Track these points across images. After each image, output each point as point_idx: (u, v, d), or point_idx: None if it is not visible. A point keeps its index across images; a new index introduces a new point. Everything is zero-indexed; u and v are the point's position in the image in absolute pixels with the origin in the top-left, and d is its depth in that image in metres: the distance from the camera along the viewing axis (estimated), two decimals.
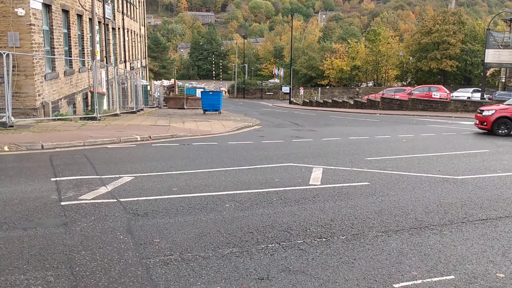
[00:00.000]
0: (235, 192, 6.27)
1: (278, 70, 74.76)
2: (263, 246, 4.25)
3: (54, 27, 15.61)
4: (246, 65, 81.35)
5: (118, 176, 7.05)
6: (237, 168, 8.09)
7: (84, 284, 3.41)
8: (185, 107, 30.87)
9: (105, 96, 19.44)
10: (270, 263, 3.86)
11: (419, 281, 3.54)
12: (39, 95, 13.72)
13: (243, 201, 5.79)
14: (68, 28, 17.57)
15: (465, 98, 33.24)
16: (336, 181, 7.09)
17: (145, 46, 47.73)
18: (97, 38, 21.77)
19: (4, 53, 11.78)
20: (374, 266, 3.81)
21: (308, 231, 4.68)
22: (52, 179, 6.76)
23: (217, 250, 4.13)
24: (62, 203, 5.49)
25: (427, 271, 3.73)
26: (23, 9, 13.11)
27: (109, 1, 24.28)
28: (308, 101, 45.92)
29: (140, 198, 5.81)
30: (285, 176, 7.45)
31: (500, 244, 4.41)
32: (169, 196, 5.95)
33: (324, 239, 4.46)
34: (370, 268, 3.78)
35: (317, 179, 7.20)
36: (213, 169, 7.85)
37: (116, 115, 17.99)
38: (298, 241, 4.38)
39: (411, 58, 61.91)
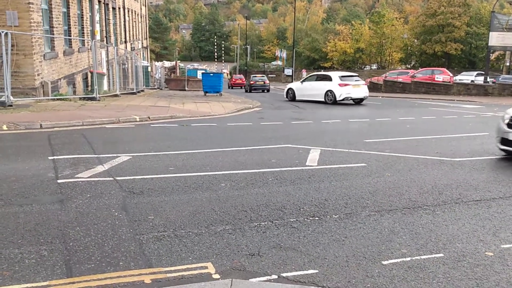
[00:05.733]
0: (231, 172, 6.30)
1: (281, 52, 74.14)
2: (256, 224, 4.29)
3: (53, 6, 15.47)
4: (248, 46, 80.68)
5: (115, 155, 7.09)
6: (235, 149, 8.10)
7: (77, 258, 3.46)
8: (186, 88, 30.78)
9: (105, 76, 19.39)
10: (262, 240, 3.90)
11: (408, 259, 3.58)
12: (38, 75, 13.68)
13: (238, 181, 5.82)
14: (68, 7, 17.42)
15: (469, 81, 33.01)
16: (333, 162, 7.10)
17: (146, 26, 47.33)
18: (97, 18, 21.60)
19: (2, 32, 11.71)
20: (365, 244, 3.85)
21: (301, 210, 4.72)
22: (50, 158, 6.80)
23: (210, 227, 4.17)
24: (59, 181, 5.54)
25: (416, 249, 3.77)
26: None
27: None
28: None
29: (136, 177, 5.84)
30: (282, 157, 7.47)
31: (491, 224, 4.44)
32: (166, 175, 5.98)
33: (317, 218, 4.49)
34: (360, 245, 3.82)
35: (314, 160, 7.21)
36: (210, 150, 7.87)
37: (116, 95, 17.97)
38: (291, 220, 4.42)
39: (415, 40, 61.24)
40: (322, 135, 10.00)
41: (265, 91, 34.52)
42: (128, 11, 33.13)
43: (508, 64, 41.91)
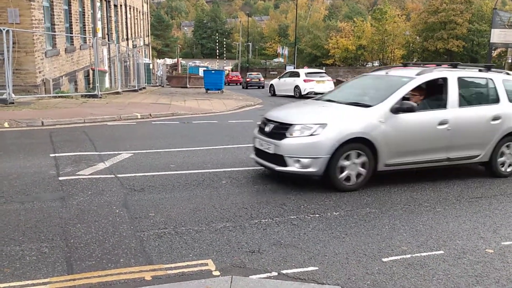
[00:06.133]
0: (232, 169, 6.30)
1: (282, 49, 73.97)
2: (257, 221, 4.30)
3: (54, 4, 15.46)
4: (250, 44, 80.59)
5: (117, 152, 7.09)
6: (236, 146, 8.11)
7: (78, 255, 3.47)
8: (188, 86, 30.80)
9: (107, 74, 19.38)
10: (262, 237, 3.91)
11: (408, 256, 3.58)
12: (39, 72, 13.69)
13: (239, 178, 5.82)
14: (69, 5, 17.39)
15: None
16: None
17: (148, 23, 47.26)
18: (98, 15, 21.59)
19: (4, 29, 11.71)
20: (365, 241, 3.86)
21: (302, 207, 4.72)
22: (51, 155, 6.81)
23: (211, 224, 4.18)
24: (60, 178, 5.55)
25: (417, 246, 3.77)
26: None
27: None
28: None
29: (137, 174, 5.85)
30: None
31: (492, 221, 4.44)
32: (167, 173, 5.99)
33: (317, 215, 4.50)
34: (360, 242, 3.82)
35: None
36: (211, 147, 7.87)
37: (117, 93, 17.97)
38: (292, 217, 4.43)
39: (417, 37, 61.04)
40: None
41: (260, 87, 36.14)
42: (130, 8, 33.11)
43: (510, 61, 41.68)
